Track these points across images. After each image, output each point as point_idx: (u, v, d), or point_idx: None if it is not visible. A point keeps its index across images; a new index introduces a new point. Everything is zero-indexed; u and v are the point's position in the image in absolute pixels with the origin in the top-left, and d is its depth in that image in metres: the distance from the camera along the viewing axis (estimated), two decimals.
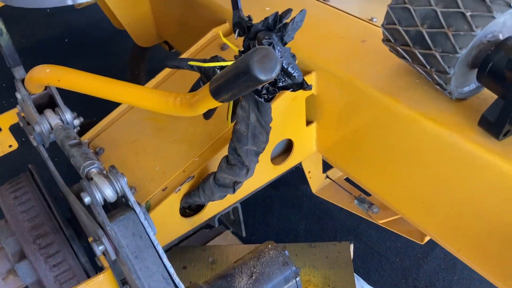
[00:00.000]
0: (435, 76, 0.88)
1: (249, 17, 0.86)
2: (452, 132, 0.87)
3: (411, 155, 0.97)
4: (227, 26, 1.34)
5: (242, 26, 0.84)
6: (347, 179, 1.42)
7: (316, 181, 1.39)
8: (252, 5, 1.33)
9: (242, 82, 0.61)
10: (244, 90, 0.63)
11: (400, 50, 0.94)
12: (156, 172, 1.08)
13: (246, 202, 1.20)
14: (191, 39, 1.47)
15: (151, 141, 1.15)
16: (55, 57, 2.91)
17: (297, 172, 1.32)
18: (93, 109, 1.32)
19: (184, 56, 1.29)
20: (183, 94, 0.80)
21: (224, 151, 1.07)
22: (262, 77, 0.58)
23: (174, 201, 1.05)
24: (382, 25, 0.96)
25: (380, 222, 1.27)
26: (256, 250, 1.02)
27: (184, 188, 1.05)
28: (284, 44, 0.80)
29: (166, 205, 1.03)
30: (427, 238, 1.24)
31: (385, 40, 0.98)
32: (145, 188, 1.06)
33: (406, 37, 0.90)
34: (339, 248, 1.43)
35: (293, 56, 0.82)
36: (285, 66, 0.78)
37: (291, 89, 0.82)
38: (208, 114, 1.01)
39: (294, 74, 0.79)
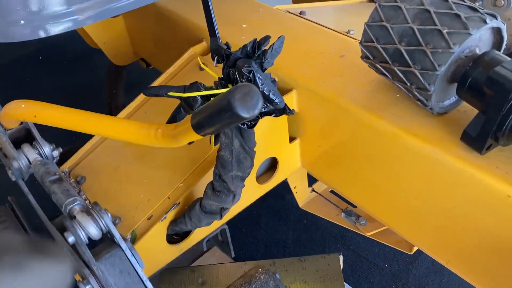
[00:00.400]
0: (416, 93, 0.89)
1: (227, 44, 0.85)
2: (435, 147, 0.88)
3: (395, 170, 0.97)
4: (204, 45, 1.33)
5: (220, 53, 0.83)
6: (333, 191, 1.42)
7: (302, 195, 1.39)
8: (229, 22, 1.33)
9: (224, 119, 0.60)
10: (226, 126, 0.63)
11: (380, 67, 0.94)
12: (141, 200, 1.06)
13: (233, 217, 1.19)
14: (168, 57, 1.46)
15: (133, 167, 1.14)
16: (30, 75, 2.86)
17: (282, 182, 1.31)
18: (73, 133, 1.29)
19: (162, 77, 1.28)
20: (164, 125, 0.79)
21: (209, 176, 1.06)
22: (245, 114, 0.57)
23: (160, 230, 1.03)
24: (360, 42, 0.96)
25: (368, 234, 1.28)
26: (246, 275, 1.01)
27: (170, 215, 1.03)
28: (264, 70, 0.80)
29: (152, 234, 1.01)
30: (415, 248, 1.25)
31: (364, 57, 0.98)
32: (130, 217, 1.04)
33: (385, 55, 0.90)
34: (328, 260, 1.43)
35: (274, 81, 0.81)
36: (267, 93, 0.77)
37: (274, 115, 0.81)
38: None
39: (275, 101, 0.78)
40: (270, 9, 1.40)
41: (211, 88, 0.90)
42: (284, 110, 0.80)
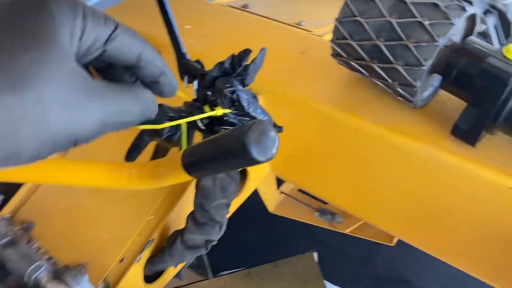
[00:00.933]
0: (399, 89, 0.84)
1: (198, 61, 0.74)
2: (426, 144, 0.84)
3: (381, 170, 0.93)
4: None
5: (192, 73, 0.72)
6: (301, 190, 1.36)
7: (272, 199, 1.32)
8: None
9: (233, 163, 0.50)
10: (231, 169, 0.53)
11: (355, 65, 0.88)
12: (107, 242, 0.94)
13: None
14: None
15: (90, 204, 1.00)
16: None
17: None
18: None
19: None
20: (140, 164, 0.68)
21: (184, 202, 0.95)
22: (262, 158, 0.48)
23: (136, 272, 0.91)
24: (332, 40, 0.89)
25: (347, 231, 1.24)
26: None
27: (146, 254, 0.92)
28: (245, 87, 0.70)
29: (128, 280, 0.89)
30: (396, 239, 1.23)
31: (336, 55, 0.91)
32: (98, 263, 0.91)
33: (361, 52, 0.84)
34: (304, 260, 1.38)
35: (255, 96, 0.72)
36: (253, 114, 0.68)
37: None
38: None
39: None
40: (211, 5, 1.29)
41: (180, 110, 0.79)
42: None
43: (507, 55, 0.72)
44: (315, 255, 1.40)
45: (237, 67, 0.69)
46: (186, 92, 0.77)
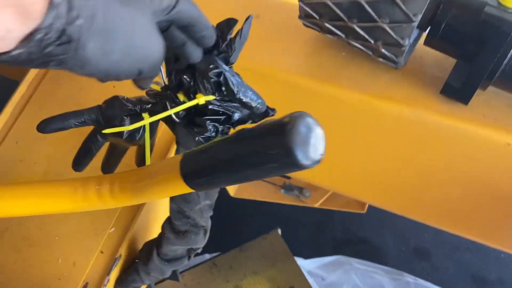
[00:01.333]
0: (383, 50, 0.75)
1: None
2: (415, 108, 0.77)
3: (366, 141, 0.86)
4: None
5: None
6: None
7: None
8: None
9: (263, 172, 0.39)
10: (255, 179, 0.41)
11: (329, 26, 0.78)
12: (62, 267, 0.77)
13: None
14: None
15: (30, 225, 0.82)
16: None
17: None
18: None
19: (22, 88, 0.93)
20: (117, 176, 0.53)
21: (149, 207, 0.81)
22: (308, 163, 0.37)
23: None
24: (300, 0, 0.78)
25: (316, 205, 1.17)
26: None
27: (114, 274, 0.77)
28: (230, 66, 0.57)
29: None
30: (367, 205, 1.19)
31: (304, 17, 0.80)
32: None
33: (338, 11, 0.74)
34: (270, 240, 1.30)
35: (237, 74, 0.60)
36: (244, 99, 0.56)
37: (250, 121, 0.60)
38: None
39: (256, 106, 0.57)
40: None
41: (141, 102, 0.64)
42: (266, 113, 0.60)
43: (504, 3, 0.66)
44: (279, 231, 1.33)
45: (220, 42, 0.56)
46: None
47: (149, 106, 0.63)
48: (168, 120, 0.60)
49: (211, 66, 0.54)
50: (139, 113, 0.64)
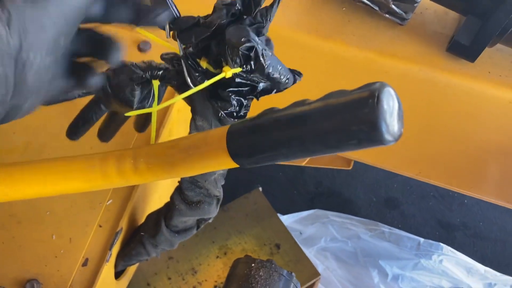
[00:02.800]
0: (393, 6, 0.73)
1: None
2: (421, 65, 0.76)
3: None
4: None
5: (183, 20, 0.51)
6: None
7: None
8: None
9: (338, 147, 0.36)
10: (322, 154, 0.38)
11: None
12: (57, 244, 0.72)
13: None
14: None
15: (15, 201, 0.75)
16: None
17: None
18: None
19: None
20: (134, 151, 0.48)
21: None
22: (391, 138, 0.34)
23: (108, 273, 0.73)
24: None
25: (303, 163, 1.16)
26: (237, 276, 0.80)
27: (115, 248, 0.73)
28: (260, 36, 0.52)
29: (101, 285, 0.71)
30: (352, 162, 1.19)
31: None
32: (55, 273, 0.70)
33: None
34: (252, 199, 1.29)
35: (268, 40, 0.55)
36: (273, 74, 0.51)
37: (275, 91, 0.56)
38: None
39: (284, 80, 0.53)
40: None
41: (151, 67, 0.58)
42: (294, 81, 0.56)
43: None
44: (260, 189, 1.32)
45: (252, 8, 0.50)
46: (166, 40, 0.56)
47: (160, 72, 0.58)
48: (183, 88, 0.55)
49: (242, 40, 0.48)
50: (149, 80, 0.58)
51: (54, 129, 0.78)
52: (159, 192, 0.83)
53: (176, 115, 0.81)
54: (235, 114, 0.55)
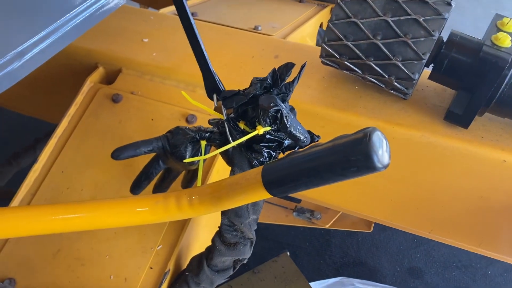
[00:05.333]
0: (396, 83, 0.88)
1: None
2: (423, 132, 0.90)
3: None
4: (101, 71, 1.09)
5: (227, 92, 0.68)
6: None
7: None
8: (125, 38, 1.12)
9: (342, 175, 0.49)
10: (332, 182, 0.52)
11: (347, 63, 0.91)
12: (115, 283, 0.84)
13: None
14: (48, 100, 1.18)
15: (81, 245, 0.89)
16: None
17: None
18: None
19: (65, 122, 1.01)
20: (189, 191, 0.62)
21: (193, 224, 0.90)
22: (381, 166, 0.48)
23: None
24: (323, 42, 0.91)
25: (327, 226, 1.27)
26: None
27: (163, 287, 0.85)
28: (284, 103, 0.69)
29: None
30: (373, 224, 1.30)
31: (326, 56, 0.93)
32: None
33: (357, 51, 0.87)
34: (281, 262, 1.39)
35: (292, 109, 0.71)
36: (294, 132, 0.67)
37: (298, 147, 0.71)
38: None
39: (302, 139, 0.68)
40: (159, 15, 1.23)
41: (200, 130, 0.75)
42: (312, 141, 0.71)
43: (497, 43, 0.80)
44: (288, 254, 1.41)
45: (279, 83, 0.67)
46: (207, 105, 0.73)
47: (207, 134, 0.74)
48: (222, 142, 0.71)
49: (271, 104, 0.64)
50: (198, 140, 0.74)
51: (116, 185, 0.93)
52: (200, 238, 0.95)
53: (216, 175, 0.95)
54: (264, 163, 0.69)
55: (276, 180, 0.54)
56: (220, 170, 0.97)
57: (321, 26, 1.49)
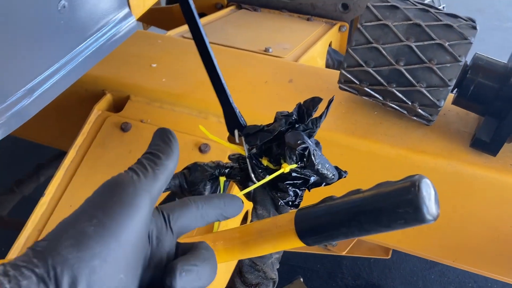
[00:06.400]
0: (419, 110, 0.85)
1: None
2: (449, 160, 0.86)
3: None
4: (108, 98, 1.05)
5: (249, 127, 0.64)
6: None
7: None
8: (132, 64, 1.08)
9: (388, 226, 0.45)
10: (374, 233, 0.48)
11: (367, 90, 0.87)
12: None
13: None
14: (54, 128, 1.14)
15: None
16: None
17: None
18: None
19: (72, 151, 0.97)
20: (214, 235, 0.58)
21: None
22: (431, 218, 0.43)
23: None
24: (342, 68, 0.87)
25: (343, 253, 1.23)
26: None
27: None
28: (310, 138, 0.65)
29: None
30: (391, 251, 1.25)
31: (345, 82, 0.89)
32: None
33: (378, 77, 0.84)
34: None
35: (317, 143, 0.67)
36: (322, 170, 0.62)
37: (324, 184, 0.67)
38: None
39: (330, 176, 0.64)
40: (169, 38, 1.19)
41: (219, 166, 0.70)
42: (339, 177, 0.67)
43: None
44: (301, 279, 1.37)
45: (305, 118, 0.63)
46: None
47: (226, 170, 0.69)
48: (244, 183, 0.67)
49: (299, 142, 0.60)
50: (217, 177, 0.70)
51: None
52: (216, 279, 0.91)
53: None
54: (290, 203, 0.65)
55: (311, 228, 0.50)
56: None
57: (330, 45, 1.46)
